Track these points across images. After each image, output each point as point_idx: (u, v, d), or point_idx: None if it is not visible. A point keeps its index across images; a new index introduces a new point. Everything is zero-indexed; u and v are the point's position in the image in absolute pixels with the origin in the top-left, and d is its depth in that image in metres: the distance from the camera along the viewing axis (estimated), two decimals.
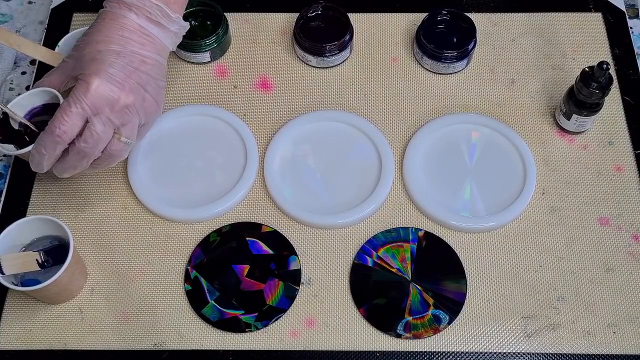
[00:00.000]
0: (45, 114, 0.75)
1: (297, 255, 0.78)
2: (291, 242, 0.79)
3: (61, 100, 0.73)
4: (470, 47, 0.88)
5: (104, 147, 0.71)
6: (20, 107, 0.75)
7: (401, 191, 0.82)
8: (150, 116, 0.74)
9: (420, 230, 0.79)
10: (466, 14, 0.90)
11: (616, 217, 0.80)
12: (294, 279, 0.77)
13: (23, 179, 0.82)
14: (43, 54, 0.80)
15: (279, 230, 0.80)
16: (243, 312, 0.75)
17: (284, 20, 0.93)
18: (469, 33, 0.88)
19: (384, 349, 0.74)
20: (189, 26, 0.78)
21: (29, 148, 0.71)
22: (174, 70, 0.89)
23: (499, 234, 0.80)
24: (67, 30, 0.92)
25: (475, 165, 0.83)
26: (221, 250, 0.78)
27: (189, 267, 0.77)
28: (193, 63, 0.90)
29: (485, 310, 0.76)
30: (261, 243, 0.79)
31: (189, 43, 0.86)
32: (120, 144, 0.71)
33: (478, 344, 0.74)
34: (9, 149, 0.73)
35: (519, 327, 0.75)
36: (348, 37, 0.88)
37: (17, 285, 0.71)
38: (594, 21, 0.93)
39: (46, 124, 0.70)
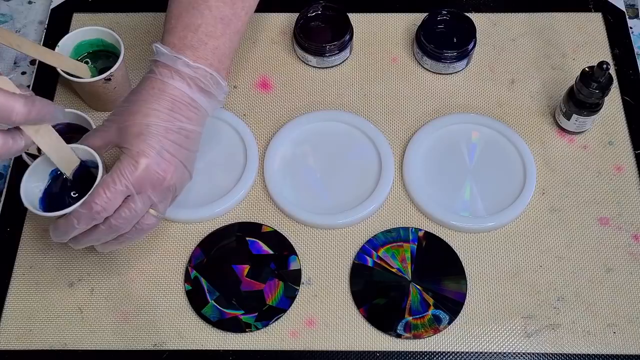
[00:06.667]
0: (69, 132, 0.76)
1: (297, 255, 0.78)
2: (291, 242, 0.79)
3: (91, 124, 0.75)
4: (470, 47, 0.87)
5: (135, 223, 0.68)
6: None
7: (401, 191, 0.82)
8: (183, 186, 0.71)
9: (420, 230, 0.79)
10: (466, 14, 0.90)
11: (616, 217, 0.80)
12: (294, 279, 0.77)
13: None
14: (43, 54, 0.80)
15: (279, 230, 0.80)
16: (243, 312, 0.75)
17: (284, 20, 0.93)
18: (468, 33, 0.88)
19: (384, 349, 0.74)
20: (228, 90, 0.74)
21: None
22: None
23: (499, 234, 0.80)
24: (67, 30, 0.92)
25: (475, 165, 0.83)
26: (221, 250, 0.78)
27: (189, 267, 0.77)
28: None
29: (485, 310, 0.76)
30: (261, 243, 0.79)
31: None
32: (153, 218, 0.69)
33: (478, 344, 0.74)
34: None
35: (519, 327, 0.75)
36: (348, 37, 0.88)
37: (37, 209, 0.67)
38: (594, 21, 0.93)
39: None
